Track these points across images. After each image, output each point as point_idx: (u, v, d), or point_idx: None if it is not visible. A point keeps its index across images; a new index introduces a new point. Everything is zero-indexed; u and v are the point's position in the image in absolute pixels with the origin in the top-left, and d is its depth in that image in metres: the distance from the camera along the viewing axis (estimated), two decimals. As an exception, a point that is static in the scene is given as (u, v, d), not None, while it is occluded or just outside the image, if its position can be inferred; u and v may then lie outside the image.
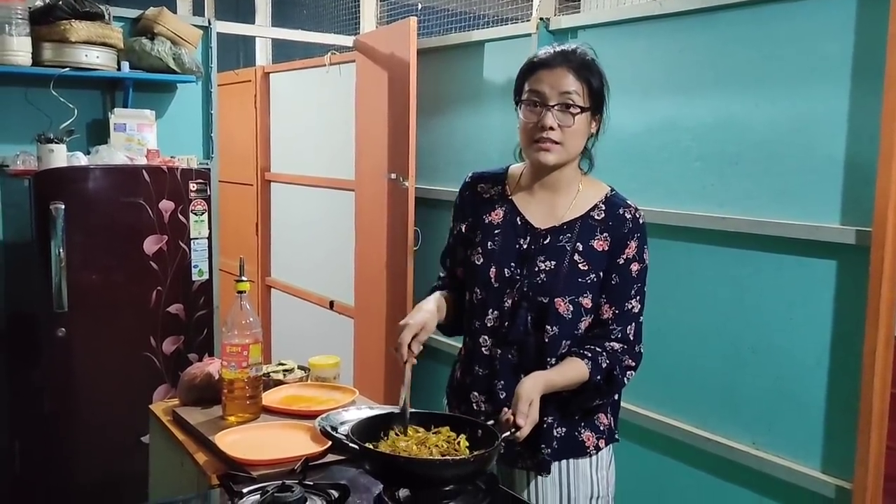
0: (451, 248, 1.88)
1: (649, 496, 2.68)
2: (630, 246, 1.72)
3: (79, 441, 2.88)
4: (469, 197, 1.84)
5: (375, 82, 3.68)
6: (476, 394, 1.76)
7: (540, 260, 1.71)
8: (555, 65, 1.66)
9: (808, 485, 2.24)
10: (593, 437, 1.76)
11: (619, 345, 1.70)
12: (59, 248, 2.72)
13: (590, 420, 1.76)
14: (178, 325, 3.03)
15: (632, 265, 1.72)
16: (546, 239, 1.72)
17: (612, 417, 1.81)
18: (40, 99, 3.16)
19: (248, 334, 1.83)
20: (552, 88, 1.65)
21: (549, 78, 1.66)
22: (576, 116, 1.66)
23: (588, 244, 1.71)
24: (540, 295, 1.69)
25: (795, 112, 2.26)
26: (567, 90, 1.65)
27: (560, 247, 1.71)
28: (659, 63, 2.64)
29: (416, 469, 1.41)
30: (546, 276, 1.69)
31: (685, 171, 2.56)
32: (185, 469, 1.76)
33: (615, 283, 1.71)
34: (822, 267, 2.22)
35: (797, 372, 2.28)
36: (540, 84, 1.66)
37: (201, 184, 3.05)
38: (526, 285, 1.70)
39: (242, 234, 5.11)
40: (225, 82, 4.96)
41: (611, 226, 1.72)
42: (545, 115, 1.65)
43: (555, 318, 1.68)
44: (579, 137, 1.69)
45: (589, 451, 1.75)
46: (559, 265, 1.69)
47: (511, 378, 1.71)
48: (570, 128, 1.66)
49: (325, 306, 4.33)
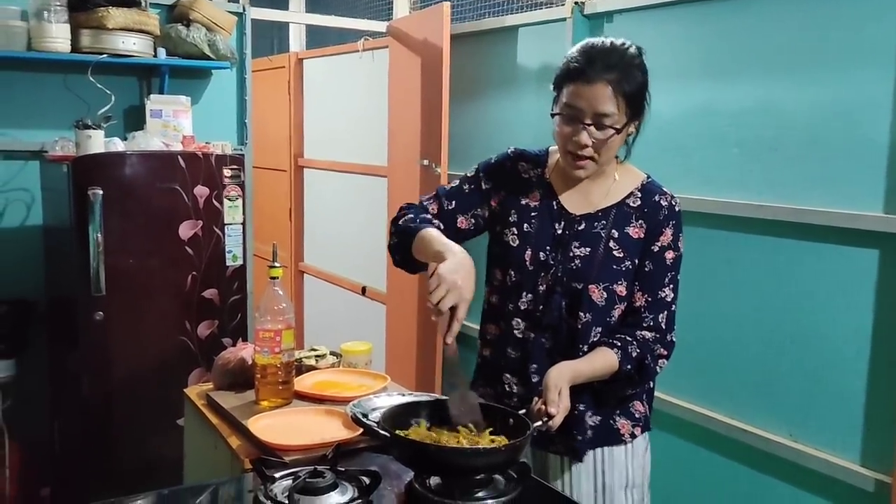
0: (465, 194, 1.78)
1: (684, 487, 2.65)
2: (665, 233, 1.70)
3: (116, 423, 2.93)
4: (510, 170, 1.79)
5: (408, 68, 3.67)
6: (508, 376, 1.75)
7: (574, 246, 1.69)
8: (593, 77, 1.58)
9: (847, 478, 2.20)
10: (629, 424, 1.75)
11: (651, 333, 1.68)
12: (97, 234, 2.75)
13: (625, 408, 1.75)
14: (213, 310, 3.06)
15: (666, 253, 1.70)
16: (581, 225, 1.71)
17: (647, 406, 1.79)
18: (78, 85, 3.20)
19: (281, 320, 1.84)
20: (588, 105, 1.59)
21: (586, 93, 1.59)
22: (619, 134, 1.62)
23: (623, 231, 1.69)
24: (574, 281, 1.67)
25: (837, 96, 2.20)
26: (604, 112, 1.59)
27: (595, 233, 1.69)
28: (697, 47, 2.59)
29: (445, 458, 1.41)
30: (581, 263, 1.68)
31: (723, 158, 2.51)
32: (218, 452, 1.77)
33: (649, 271, 1.69)
34: (864, 256, 2.17)
35: (836, 363, 2.24)
36: (576, 99, 1.60)
37: (235, 170, 3.06)
38: (560, 271, 1.69)
39: (276, 220, 5.14)
40: (259, 68, 4.98)
41: (646, 213, 1.70)
42: (580, 133, 1.61)
43: (588, 304, 1.67)
44: (613, 149, 1.67)
45: (624, 438, 1.74)
46: (594, 252, 1.68)
47: (544, 362, 1.69)
48: (607, 145, 1.63)
49: (358, 292, 4.34)
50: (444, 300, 1.45)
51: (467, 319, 1.53)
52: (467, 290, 1.47)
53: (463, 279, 1.47)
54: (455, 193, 1.79)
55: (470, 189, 1.79)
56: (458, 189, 1.80)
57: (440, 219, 1.76)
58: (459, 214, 1.78)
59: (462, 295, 1.46)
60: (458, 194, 1.79)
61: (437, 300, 1.44)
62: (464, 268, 1.50)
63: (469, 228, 1.79)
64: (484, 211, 1.79)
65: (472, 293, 1.50)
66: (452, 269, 1.48)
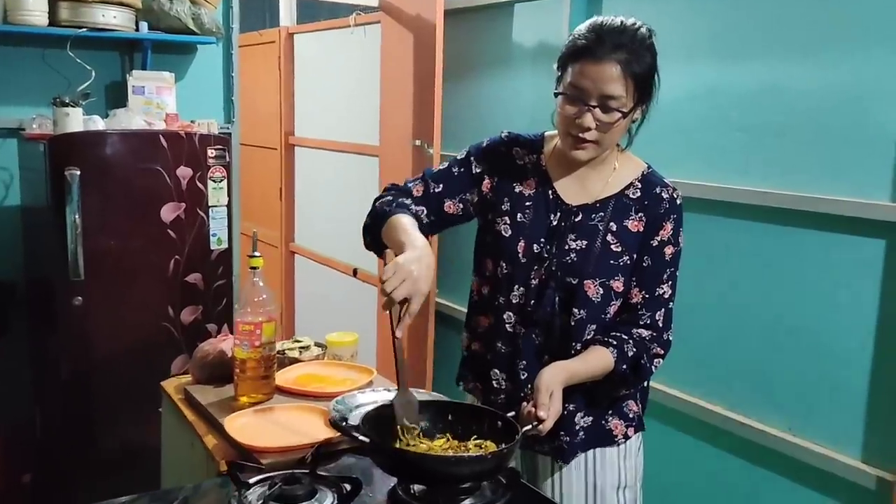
0: (453, 177, 1.69)
1: (680, 480, 2.59)
2: (665, 227, 1.61)
3: (98, 410, 2.86)
4: (503, 155, 1.70)
5: (401, 45, 3.56)
6: (497, 371, 1.68)
7: (570, 238, 1.61)
8: (602, 56, 1.48)
9: (847, 475, 2.14)
10: (622, 424, 1.68)
11: (648, 332, 1.61)
12: (75, 215, 2.66)
13: (618, 407, 1.68)
14: (197, 295, 2.97)
15: (665, 248, 1.62)
16: (577, 216, 1.62)
17: (640, 404, 1.72)
18: (57, 60, 3.09)
19: (262, 312, 1.76)
20: (595, 86, 1.49)
21: (594, 72, 1.49)
22: (625, 117, 1.53)
23: (622, 224, 1.61)
24: (569, 275, 1.59)
25: (846, 81, 2.11)
26: (611, 93, 1.49)
27: (592, 226, 1.61)
28: (700, 25, 2.49)
29: (429, 466, 1.33)
30: (576, 256, 1.59)
31: (726, 142, 2.42)
32: (195, 451, 1.70)
33: (647, 266, 1.61)
34: (870, 246, 2.09)
35: (839, 356, 2.17)
36: (582, 79, 1.50)
37: (220, 150, 2.96)
38: (555, 264, 1.60)
39: (266, 199, 5.05)
40: (248, 43, 4.86)
41: (646, 205, 1.62)
42: (584, 115, 1.51)
43: (583, 300, 1.59)
44: (618, 134, 1.57)
45: (617, 439, 1.68)
46: (591, 245, 1.59)
47: (534, 359, 1.63)
48: (612, 128, 1.53)
49: (349, 274, 4.26)
50: (397, 290, 1.36)
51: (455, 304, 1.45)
52: (423, 283, 1.39)
53: (419, 272, 1.39)
54: (443, 176, 1.70)
55: (459, 172, 1.70)
56: (447, 171, 1.71)
57: (425, 202, 1.67)
58: (447, 198, 1.69)
59: (417, 287, 1.38)
60: (446, 177, 1.70)
61: (391, 290, 1.36)
62: (422, 261, 1.41)
63: (457, 213, 1.70)
64: (473, 195, 1.70)
65: (428, 287, 1.41)
66: (410, 261, 1.40)
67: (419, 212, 1.65)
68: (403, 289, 1.37)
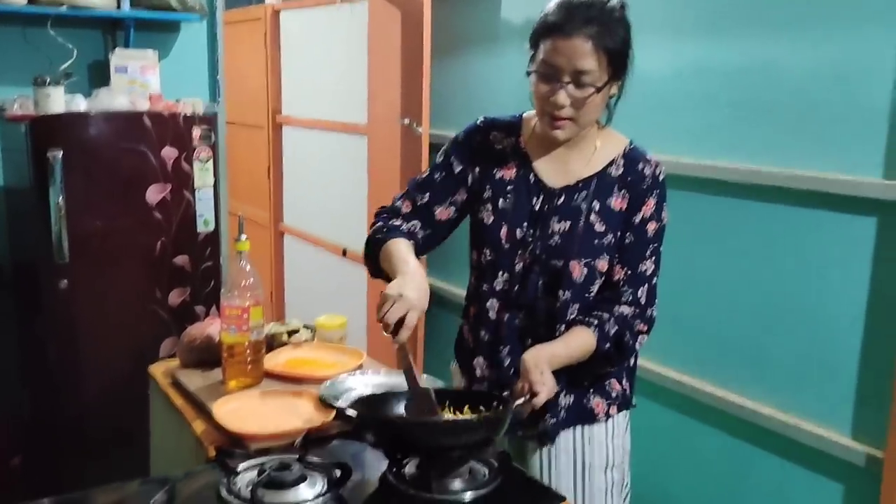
0: (438, 183, 1.68)
1: (670, 458, 2.60)
2: (648, 203, 1.60)
3: (86, 392, 2.84)
4: (480, 144, 1.68)
5: (388, 22, 3.51)
6: (481, 359, 1.67)
7: (554, 221, 1.59)
8: (572, 31, 1.46)
9: (837, 452, 2.15)
10: (603, 403, 1.67)
11: (630, 308, 1.60)
12: (58, 197, 2.62)
13: (599, 386, 1.67)
14: (184, 277, 2.95)
15: (648, 224, 1.60)
16: (560, 198, 1.60)
17: (627, 383, 1.72)
18: (38, 39, 3.04)
19: (249, 296, 1.74)
20: (567, 62, 1.47)
21: (565, 49, 1.47)
22: (599, 92, 1.50)
23: (605, 202, 1.59)
24: (554, 258, 1.58)
25: (836, 56, 2.09)
26: (583, 68, 1.47)
27: (575, 206, 1.59)
28: (688, 2, 2.46)
29: (419, 432, 1.32)
30: (560, 238, 1.58)
31: (714, 119, 2.40)
32: (183, 436, 1.68)
33: (629, 243, 1.60)
34: (861, 224, 2.08)
35: (829, 334, 2.16)
36: (554, 56, 1.49)
37: (206, 130, 2.92)
38: (539, 248, 1.59)
39: (255, 178, 5.01)
40: (234, 20, 4.79)
41: (629, 182, 1.60)
42: (558, 92, 1.50)
43: (568, 282, 1.58)
44: (595, 110, 1.55)
45: (598, 417, 1.66)
46: (574, 226, 1.58)
47: (517, 344, 1.62)
48: (588, 104, 1.51)
49: (338, 254, 4.23)
50: (389, 313, 1.40)
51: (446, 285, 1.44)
52: (416, 300, 1.42)
53: (411, 291, 1.43)
54: (427, 184, 1.69)
55: (441, 176, 1.69)
56: (430, 179, 1.69)
57: (416, 216, 1.67)
58: (436, 206, 1.68)
59: (410, 304, 1.41)
60: (430, 185, 1.69)
61: (382, 315, 1.41)
62: (413, 282, 1.45)
63: (451, 218, 1.69)
64: (462, 195, 1.68)
65: (423, 304, 1.45)
66: (399, 286, 1.44)
67: (412, 228, 1.66)
68: (395, 310, 1.40)
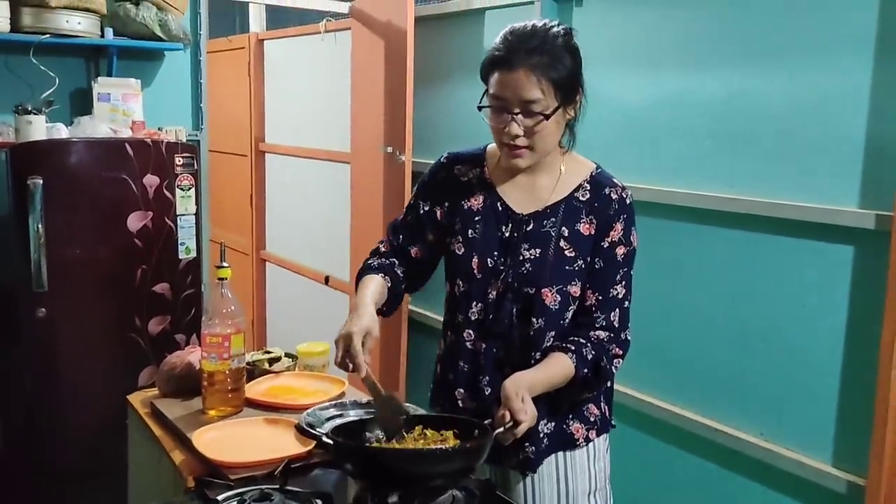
0: (409, 225, 1.73)
1: (653, 486, 2.60)
2: (616, 228, 1.61)
3: (62, 422, 2.79)
4: (445, 179, 1.70)
5: (371, 52, 3.54)
6: (462, 391, 1.66)
7: (524, 248, 1.60)
8: (515, 64, 1.49)
9: (819, 479, 2.15)
10: (583, 428, 1.66)
11: (605, 333, 1.60)
12: (38, 225, 2.60)
13: (578, 412, 1.66)
14: (165, 305, 2.92)
15: (617, 248, 1.61)
16: (529, 225, 1.61)
17: (605, 406, 1.71)
18: (20, 67, 3.03)
19: (230, 324, 1.73)
20: (513, 94, 1.50)
21: (510, 81, 1.50)
22: (548, 119, 1.52)
23: (574, 228, 1.60)
24: (525, 285, 1.58)
25: (813, 87, 2.13)
26: (530, 98, 1.50)
27: (545, 233, 1.60)
28: (669, 33, 2.50)
29: (396, 462, 1.31)
30: (531, 266, 1.59)
31: (694, 150, 2.43)
32: (162, 466, 1.66)
33: (599, 268, 1.60)
34: (839, 252, 2.11)
35: (809, 361, 2.18)
36: (501, 89, 1.51)
37: (188, 157, 2.92)
38: (511, 276, 1.59)
39: (237, 206, 5.00)
40: (217, 49, 4.81)
41: (596, 207, 1.61)
42: (510, 124, 1.52)
43: (541, 309, 1.58)
44: (550, 136, 1.57)
45: (579, 443, 1.66)
46: (545, 253, 1.59)
47: (496, 373, 1.61)
48: (540, 132, 1.53)
49: (321, 282, 4.22)
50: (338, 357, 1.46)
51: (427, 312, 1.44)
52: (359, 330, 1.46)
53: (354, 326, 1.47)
54: (401, 227, 1.75)
55: (412, 218, 1.73)
56: (403, 221, 1.75)
57: (395, 255, 1.72)
58: (410, 246, 1.72)
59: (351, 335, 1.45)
60: (403, 227, 1.74)
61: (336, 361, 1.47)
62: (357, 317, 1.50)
63: (424, 256, 1.73)
64: (431, 234, 1.71)
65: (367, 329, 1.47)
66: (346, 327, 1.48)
67: (393, 263, 1.70)
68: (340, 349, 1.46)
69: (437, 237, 1.70)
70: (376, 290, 1.61)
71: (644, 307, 1.69)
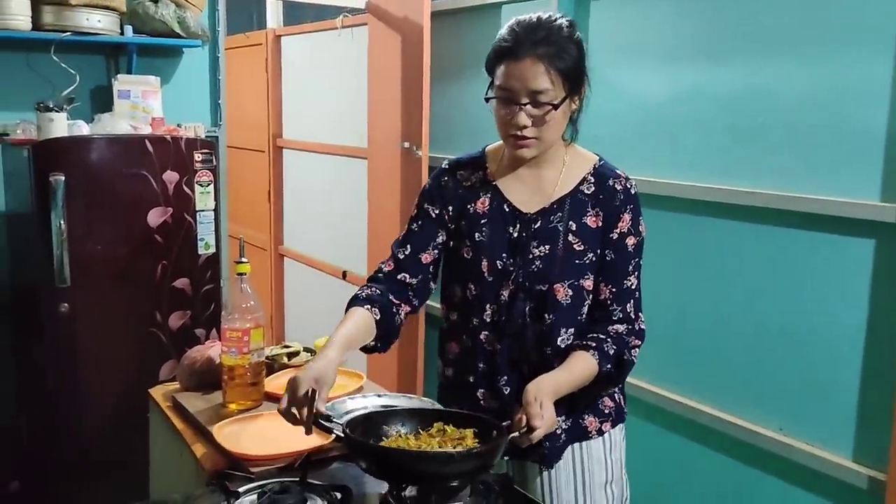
0: (418, 231, 1.70)
1: (671, 481, 2.59)
2: (623, 219, 1.61)
3: (84, 417, 2.83)
4: (449, 183, 1.70)
5: (388, 46, 3.54)
6: (483, 391, 1.67)
7: (533, 246, 1.60)
8: (522, 54, 1.50)
9: (839, 474, 2.14)
10: (596, 421, 1.68)
11: (623, 325, 1.60)
12: (60, 221, 2.64)
13: (594, 406, 1.68)
14: (185, 300, 2.95)
15: (627, 239, 1.61)
16: (537, 223, 1.61)
17: (619, 397, 1.72)
18: (42, 64, 3.07)
19: (249, 318, 1.75)
20: (521, 85, 1.51)
21: (518, 72, 1.51)
22: (557, 109, 1.53)
23: (581, 222, 1.60)
24: (537, 283, 1.59)
25: (832, 80, 2.11)
26: (538, 88, 1.50)
27: (552, 229, 1.60)
28: (685, 27, 2.48)
29: (410, 463, 1.31)
30: (541, 263, 1.59)
31: (711, 144, 2.42)
32: (183, 459, 1.68)
33: (611, 261, 1.61)
34: (859, 246, 2.09)
35: (829, 356, 2.16)
36: (509, 79, 1.52)
37: (207, 154, 2.94)
38: (521, 275, 1.60)
39: (255, 202, 5.03)
40: (235, 45, 4.84)
41: (601, 199, 1.61)
42: (518, 114, 1.52)
43: (553, 305, 1.59)
44: (557, 127, 1.57)
45: (591, 434, 1.67)
46: (554, 249, 1.59)
47: (512, 372, 1.63)
48: (548, 122, 1.54)
49: (339, 276, 4.24)
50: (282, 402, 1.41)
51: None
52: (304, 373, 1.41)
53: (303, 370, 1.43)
54: (407, 237, 1.71)
55: (419, 225, 1.71)
56: (408, 232, 1.72)
57: (403, 269, 1.67)
58: (420, 253, 1.68)
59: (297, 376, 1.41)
60: (409, 236, 1.71)
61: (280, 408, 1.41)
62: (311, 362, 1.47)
63: (435, 259, 1.70)
64: (442, 235, 1.70)
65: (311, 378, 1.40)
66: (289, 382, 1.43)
67: (386, 290, 1.64)
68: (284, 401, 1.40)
69: (446, 239, 1.70)
70: (353, 328, 1.56)
71: (662, 302, 1.70)
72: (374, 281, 1.69)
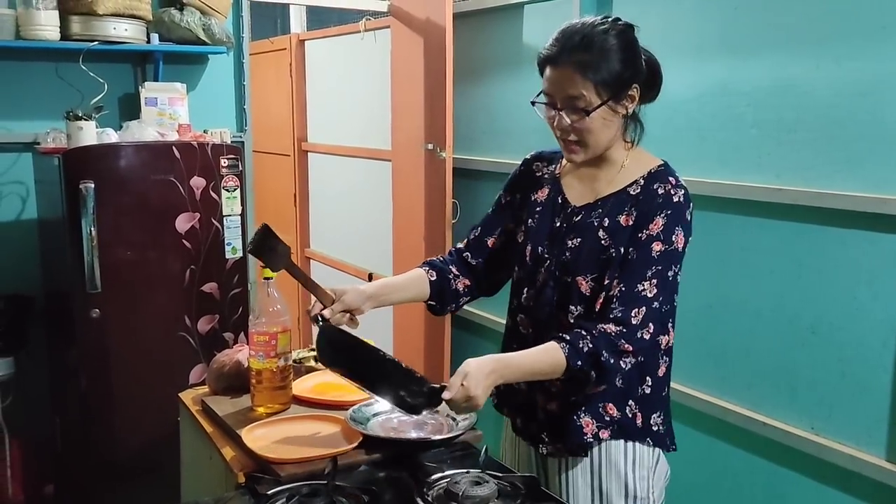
0: (490, 217, 1.84)
1: (703, 481, 2.57)
2: (656, 222, 1.55)
3: (117, 421, 2.87)
4: (525, 172, 1.81)
5: (411, 49, 3.55)
6: None
7: (569, 238, 1.64)
8: (560, 62, 1.55)
9: (872, 473, 2.11)
10: (593, 423, 1.60)
11: (616, 327, 1.49)
12: (91, 228, 2.67)
13: (592, 406, 1.61)
14: (213, 304, 2.98)
15: (654, 244, 1.54)
16: (578, 216, 1.64)
17: (639, 414, 1.63)
18: (70, 74, 3.11)
19: (277, 322, 1.76)
20: (558, 90, 1.56)
21: (556, 77, 1.56)
22: (589, 116, 1.54)
23: (615, 219, 1.60)
24: (564, 274, 1.62)
25: (861, 74, 2.08)
26: (572, 94, 1.54)
27: (588, 223, 1.62)
28: (712, 22, 2.46)
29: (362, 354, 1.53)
30: (570, 254, 1.62)
31: (740, 140, 2.39)
32: (213, 463, 1.70)
33: (630, 260, 1.55)
34: (890, 242, 2.06)
35: (861, 354, 2.14)
36: (549, 84, 1.58)
37: (233, 159, 2.97)
38: (553, 264, 1.64)
39: (281, 205, 5.06)
40: (260, 51, 4.87)
41: (641, 200, 1.59)
42: (558, 118, 1.57)
43: (577, 297, 1.60)
44: (601, 132, 1.57)
45: (586, 437, 1.60)
46: (584, 242, 1.61)
47: None
48: (586, 127, 1.55)
49: (364, 279, 4.25)
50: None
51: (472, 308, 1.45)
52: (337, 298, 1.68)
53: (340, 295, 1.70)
54: (484, 220, 1.85)
55: (494, 210, 1.84)
56: (487, 216, 1.85)
57: (470, 250, 1.83)
58: (486, 237, 1.82)
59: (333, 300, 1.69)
60: (485, 220, 1.85)
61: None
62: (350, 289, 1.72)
63: (498, 246, 1.81)
64: (510, 222, 1.80)
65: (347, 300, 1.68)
66: None
67: (450, 261, 1.83)
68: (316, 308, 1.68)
69: (514, 225, 1.79)
70: (401, 278, 1.80)
71: (691, 300, 1.68)
72: (448, 254, 1.87)
